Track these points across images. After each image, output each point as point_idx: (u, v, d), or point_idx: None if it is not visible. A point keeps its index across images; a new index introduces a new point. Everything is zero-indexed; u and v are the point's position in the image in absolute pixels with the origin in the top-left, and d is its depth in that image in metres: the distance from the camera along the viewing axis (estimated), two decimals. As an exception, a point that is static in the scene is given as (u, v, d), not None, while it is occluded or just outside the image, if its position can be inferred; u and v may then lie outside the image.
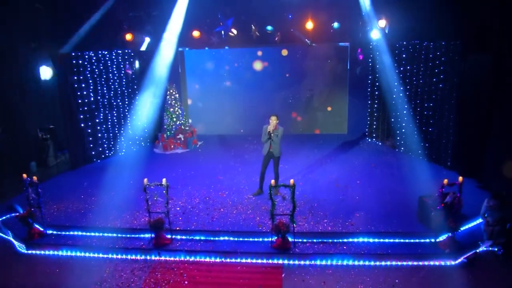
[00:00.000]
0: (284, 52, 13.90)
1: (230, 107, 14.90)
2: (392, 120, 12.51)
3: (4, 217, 9.03)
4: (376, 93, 13.32)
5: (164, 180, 7.59)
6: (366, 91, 13.89)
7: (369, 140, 13.91)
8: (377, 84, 13.18)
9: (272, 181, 7.30)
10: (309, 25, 13.16)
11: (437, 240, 7.36)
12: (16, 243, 8.18)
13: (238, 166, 11.58)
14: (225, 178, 10.65)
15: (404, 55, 12.00)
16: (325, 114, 15.05)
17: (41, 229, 8.23)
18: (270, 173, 9.22)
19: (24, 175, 8.03)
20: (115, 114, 13.01)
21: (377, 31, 11.95)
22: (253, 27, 12.86)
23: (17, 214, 8.39)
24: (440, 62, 10.60)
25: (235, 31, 13.38)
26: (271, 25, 13.27)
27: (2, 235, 8.56)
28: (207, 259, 7.30)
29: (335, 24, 12.94)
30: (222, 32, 13.16)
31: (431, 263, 6.91)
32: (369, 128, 13.96)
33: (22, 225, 8.14)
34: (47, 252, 7.80)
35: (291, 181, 7.23)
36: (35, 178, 7.93)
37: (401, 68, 12.10)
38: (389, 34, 12.09)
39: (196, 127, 14.40)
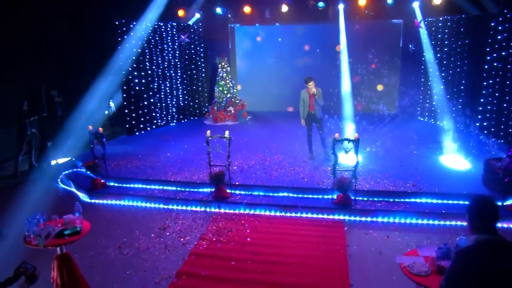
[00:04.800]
0: (338, 48, 13.74)
1: (278, 85, 14.86)
2: (448, 97, 12.18)
3: (67, 171, 9.40)
4: (430, 70, 12.99)
5: (226, 133, 7.66)
6: (419, 69, 13.57)
7: (422, 119, 13.59)
8: (431, 61, 12.86)
9: (336, 135, 7.23)
10: (362, 1, 13.01)
11: (505, 203, 7.10)
12: (79, 193, 8.49)
13: (289, 135, 11.56)
14: (278, 145, 10.65)
15: (462, 29, 11.63)
16: (376, 93, 14.76)
17: (104, 180, 8.50)
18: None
19: (90, 127, 8.30)
20: (168, 85, 13.27)
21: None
22: None
23: (83, 163, 8.70)
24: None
25: (286, 7, 13.38)
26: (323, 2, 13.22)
27: (66, 186, 8.92)
28: (267, 213, 7.33)
29: (389, 0, 12.73)
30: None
31: (499, 225, 6.69)
32: (421, 107, 13.64)
33: (88, 173, 8.44)
34: (109, 202, 8.04)
35: (355, 135, 7.15)
36: (101, 129, 8.18)
37: (459, 43, 11.75)
38: (446, 8, 11.82)
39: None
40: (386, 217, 6.99)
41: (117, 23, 11.57)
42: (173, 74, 13.39)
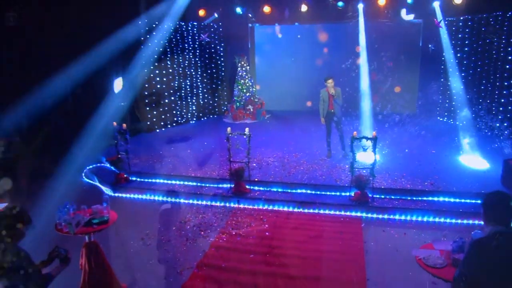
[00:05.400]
0: (358, 49, 13.76)
1: (297, 84, 14.95)
2: (468, 97, 12.11)
3: (91, 166, 9.71)
4: (450, 70, 12.91)
5: (247, 130, 7.83)
6: (439, 69, 13.51)
7: (441, 119, 13.52)
8: (451, 61, 12.79)
9: (354, 133, 7.33)
10: (382, 0, 13.02)
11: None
12: (103, 187, 8.77)
13: (308, 134, 11.66)
14: (297, 143, 10.77)
15: (483, 29, 11.55)
16: (394, 94, 14.72)
17: (127, 175, 8.76)
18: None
19: (114, 123, 8.57)
20: (188, 84, 13.53)
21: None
22: None
23: (107, 158, 8.99)
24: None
25: (305, 7, 13.47)
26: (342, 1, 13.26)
27: (90, 181, 9.22)
28: (286, 209, 7.46)
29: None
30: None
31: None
32: (441, 107, 13.57)
33: (112, 168, 8.72)
34: (132, 196, 8.30)
35: (373, 133, 7.24)
36: (124, 125, 8.44)
37: (480, 42, 11.67)
38: (467, 7, 11.75)
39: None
40: (403, 215, 7.05)
41: (140, 22, 11.85)
42: (193, 73, 13.65)
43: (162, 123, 12.91)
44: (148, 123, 12.56)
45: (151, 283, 5.42)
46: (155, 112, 12.62)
